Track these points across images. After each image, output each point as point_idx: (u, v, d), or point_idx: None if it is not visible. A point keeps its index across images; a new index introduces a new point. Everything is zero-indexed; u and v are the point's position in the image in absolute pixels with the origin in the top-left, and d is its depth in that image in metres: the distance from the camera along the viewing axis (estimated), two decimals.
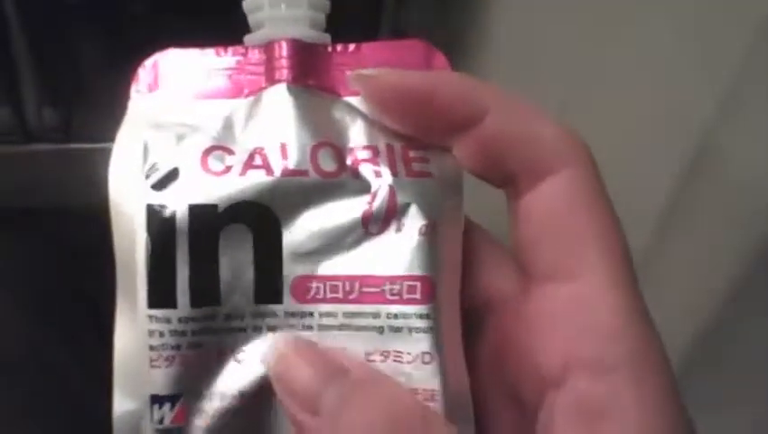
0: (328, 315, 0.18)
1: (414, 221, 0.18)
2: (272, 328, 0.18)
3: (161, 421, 0.18)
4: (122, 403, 0.18)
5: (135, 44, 0.55)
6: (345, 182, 0.18)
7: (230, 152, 0.18)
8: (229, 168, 0.18)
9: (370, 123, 0.19)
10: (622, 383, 0.15)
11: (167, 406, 0.18)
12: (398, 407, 0.16)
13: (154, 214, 0.17)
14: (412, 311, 0.18)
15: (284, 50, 0.19)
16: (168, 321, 0.18)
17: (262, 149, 0.18)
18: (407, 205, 0.18)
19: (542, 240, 0.17)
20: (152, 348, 0.18)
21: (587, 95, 0.42)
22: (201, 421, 0.18)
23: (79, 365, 0.46)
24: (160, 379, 0.18)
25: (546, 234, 0.17)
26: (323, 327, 0.18)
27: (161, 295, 0.18)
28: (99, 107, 0.50)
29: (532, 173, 0.17)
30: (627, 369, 0.15)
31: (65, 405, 0.44)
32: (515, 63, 0.49)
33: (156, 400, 0.18)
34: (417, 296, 0.18)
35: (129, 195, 0.18)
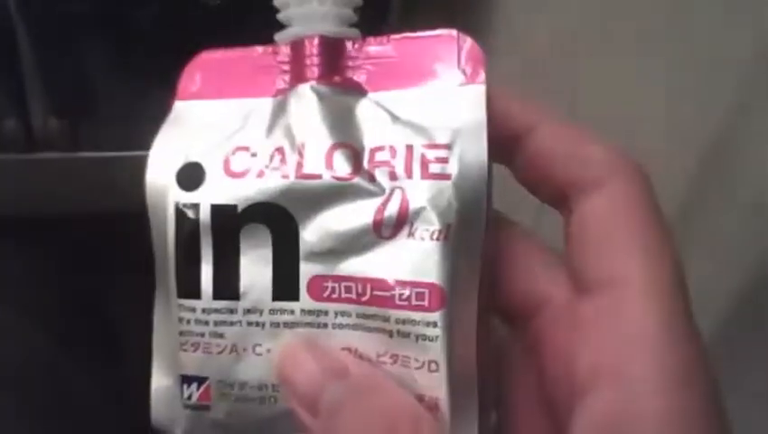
0: (342, 313, 0.18)
1: (426, 226, 0.18)
2: (289, 325, 0.19)
3: (189, 398, 0.19)
4: (159, 379, 0.20)
5: (140, 55, 0.55)
6: (359, 185, 0.18)
7: (253, 153, 0.19)
8: (248, 170, 0.19)
9: (393, 120, 0.19)
10: (645, 395, 0.15)
11: (194, 385, 0.19)
12: (393, 412, 0.16)
13: (181, 213, 0.19)
14: (420, 318, 0.18)
15: (313, 47, 0.20)
16: (193, 310, 0.19)
17: (282, 151, 0.19)
18: (420, 210, 0.18)
19: (589, 251, 0.17)
20: (181, 333, 0.19)
21: (594, 99, 0.42)
22: (224, 404, 0.19)
23: (83, 377, 0.46)
24: (188, 361, 0.19)
25: (593, 245, 0.17)
26: (337, 325, 0.19)
27: (188, 286, 0.19)
28: (105, 116, 0.50)
29: (582, 187, 0.17)
30: (653, 381, 0.15)
31: (69, 417, 0.44)
32: (521, 64, 0.49)
33: (185, 379, 0.19)
34: (426, 303, 0.17)
35: (163, 193, 0.19)
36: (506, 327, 0.20)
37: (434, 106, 0.19)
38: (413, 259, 0.18)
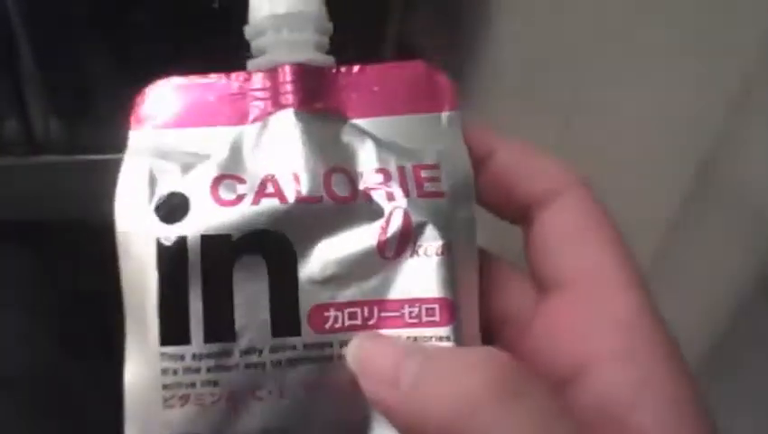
0: (347, 343, 0.17)
1: (429, 243, 0.18)
2: (291, 362, 0.17)
3: None
4: None
5: (140, 57, 0.55)
6: (359, 207, 0.18)
7: (241, 180, 0.18)
8: (241, 197, 0.17)
9: (379, 144, 0.19)
10: (645, 365, 0.16)
11: None
12: (472, 379, 0.15)
13: (164, 248, 0.17)
14: (432, 334, 0.17)
15: (288, 74, 0.19)
16: (182, 358, 0.17)
17: (273, 177, 0.18)
18: (422, 228, 0.18)
19: (558, 252, 0.18)
20: (165, 387, 0.17)
21: (591, 105, 0.43)
22: None
23: (84, 381, 0.46)
24: (175, 419, 0.17)
25: (561, 246, 0.18)
26: (342, 357, 0.17)
27: (174, 331, 0.17)
28: (105, 118, 0.50)
29: (542, 198, 0.19)
30: (647, 353, 0.16)
31: (69, 420, 0.44)
32: (519, 70, 0.49)
33: None
34: (437, 318, 0.17)
35: (138, 229, 0.17)
36: None
37: (414, 131, 0.19)
38: (420, 277, 0.18)
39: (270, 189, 0.18)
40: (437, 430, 0.15)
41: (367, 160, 0.18)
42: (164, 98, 0.19)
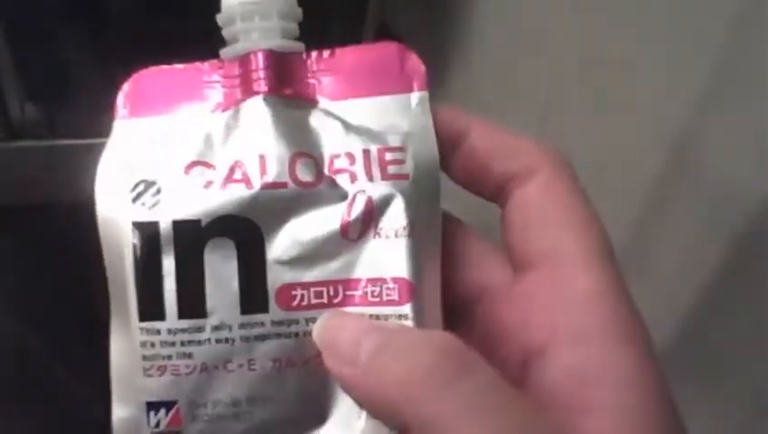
0: (313, 320, 0.18)
1: (390, 224, 0.19)
2: (259, 337, 0.18)
3: (157, 425, 0.19)
4: (120, 410, 0.19)
5: (117, 41, 0.55)
6: (323, 191, 0.19)
7: (211, 166, 0.19)
8: (210, 183, 0.18)
9: (347, 128, 0.19)
10: (595, 350, 0.17)
11: (162, 411, 0.19)
12: (423, 358, 0.16)
13: (140, 231, 0.18)
14: (391, 312, 0.18)
15: (259, 61, 0.19)
16: (158, 332, 0.18)
17: (241, 162, 0.19)
18: (384, 210, 0.19)
19: (527, 231, 0.19)
20: (144, 358, 0.19)
21: (569, 94, 0.43)
22: (196, 426, 0.19)
23: (65, 367, 0.46)
24: (154, 387, 0.19)
25: (531, 224, 0.19)
26: (308, 333, 0.18)
27: (150, 308, 0.18)
28: (82, 103, 0.50)
29: (517, 176, 0.19)
30: (600, 337, 0.17)
31: (53, 411, 0.44)
32: (500, 55, 0.49)
33: (152, 406, 0.19)
34: (396, 297, 0.18)
35: (117, 213, 0.19)
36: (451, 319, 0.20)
37: (383, 113, 0.20)
38: (382, 257, 0.19)
39: (238, 175, 0.18)
40: (390, 404, 0.16)
41: (333, 144, 0.19)
42: (143, 87, 0.20)
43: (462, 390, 0.15)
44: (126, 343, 0.19)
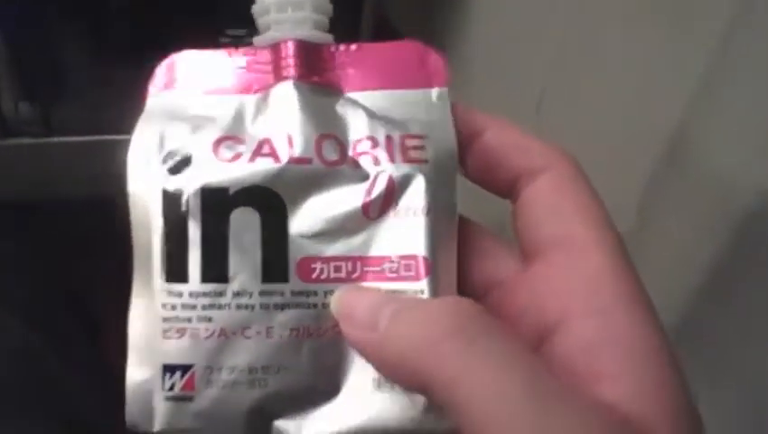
0: (331, 293, 0.19)
1: (410, 204, 0.20)
2: (279, 306, 0.19)
3: (171, 388, 0.19)
4: (135, 373, 0.20)
5: (113, 38, 0.55)
6: (347, 171, 0.20)
7: (240, 141, 0.20)
8: (239, 155, 0.19)
9: (371, 115, 0.21)
10: (609, 321, 0.18)
11: (178, 374, 0.19)
12: (441, 321, 0.17)
13: (169, 196, 0.19)
14: (409, 287, 0.19)
15: (290, 49, 0.21)
16: (180, 295, 0.19)
17: (270, 139, 0.20)
18: (404, 189, 0.20)
19: (540, 221, 0.20)
20: (165, 320, 0.19)
21: (565, 85, 0.43)
22: (210, 391, 0.19)
23: (63, 365, 0.46)
24: (172, 349, 0.19)
25: (542, 214, 0.20)
26: (326, 305, 0.19)
27: (174, 270, 0.19)
28: (77, 100, 0.49)
29: (529, 172, 0.20)
30: (614, 310, 0.18)
31: (56, 411, 0.44)
32: (497, 48, 0.49)
33: (168, 369, 0.19)
34: (413, 273, 0.19)
35: (146, 181, 0.19)
36: None
37: (404, 104, 0.21)
38: (400, 235, 0.20)
39: (266, 150, 0.20)
40: (412, 365, 0.17)
41: (357, 129, 0.20)
42: (178, 68, 0.21)
43: (485, 346, 0.16)
44: (146, 306, 0.19)
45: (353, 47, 0.21)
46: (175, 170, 0.19)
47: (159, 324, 0.19)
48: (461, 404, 0.16)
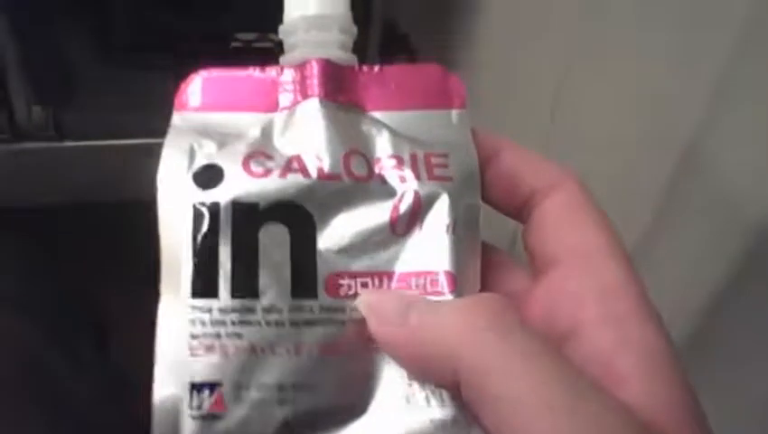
0: (357, 309, 0.19)
1: (436, 221, 0.20)
2: (308, 323, 0.19)
3: (199, 406, 0.19)
4: (162, 389, 0.19)
5: (123, 43, 0.55)
6: (374, 187, 0.20)
7: (270, 157, 0.20)
8: (269, 171, 0.20)
9: (395, 135, 0.21)
10: (628, 329, 0.18)
11: (206, 392, 0.19)
12: (471, 315, 0.18)
13: (200, 211, 0.19)
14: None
15: (315, 69, 0.21)
16: (209, 310, 0.19)
17: (299, 156, 0.20)
18: (430, 206, 0.20)
19: (553, 235, 0.21)
20: (193, 336, 0.19)
21: (579, 91, 0.43)
22: (239, 410, 0.19)
23: (70, 370, 0.46)
24: (200, 367, 0.19)
25: (556, 230, 0.21)
26: (353, 321, 0.19)
27: (204, 285, 0.19)
28: (89, 105, 0.50)
29: (541, 192, 0.21)
30: (629, 317, 0.19)
31: (63, 415, 0.44)
32: (505, 53, 0.49)
33: (195, 386, 0.19)
34: (440, 289, 0.20)
35: (176, 195, 0.20)
36: None
37: (426, 125, 0.22)
38: (426, 251, 0.20)
39: (295, 166, 0.20)
40: (441, 358, 0.17)
41: (382, 147, 0.21)
42: (205, 85, 0.22)
43: (521, 338, 0.17)
44: (174, 322, 0.19)
45: (376, 69, 0.22)
46: (206, 184, 0.19)
47: (187, 340, 0.19)
48: (493, 393, 0.16)
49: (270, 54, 0.23)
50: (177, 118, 0.21)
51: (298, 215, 0.19)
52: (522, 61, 0.47)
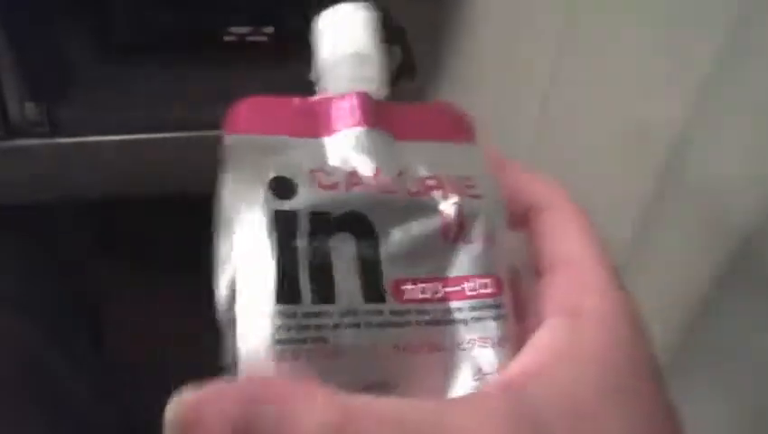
0: (420, 312, 0.21)
1: (479, 232, 0.22)
2: (381, 325, 0.20)
3: None
4: None
5: (117, 39, 0.54)
6: (424, 201, 0.22)
7: (330, 174, 0.21)
8: (336, 184, 0.21)
9: (427, 159, 0.23)
10: (588, 325, 0.21)
11: None
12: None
13: (281, 220, 0.20)
14: (491, 303, 0.21)
15: (356, 101, 0.23)
16: (294, 315, 0.19)
17: (356, 172, 0.22)
18: (473, 220, 0.22)
19: (548, 242, 0.23)
20: (278, 342, 0.19)
21: (569, 84, 0.43)
22: None
23: (69, 370, 0.46)
24: (286, 371, 0.19)
25: (550, 238, 0.23)
26: (418, 323, 0.21)
27: (288, 291, 0.20)
28: (83, 101, 0.49)
29: (539, 207, 0.24)
30: (595, 316, 0.21)
31: (63, 415, 0.44)
32: (500, 44, 0.49)
33: None
34: (491, 290, 0.22)
35: (251, 204, 0.20)
36: None
37: (448, 153, 0.24)
38: (473, 258, 0.22)
39: (357, 181, 0.21)
40: None
41: (421, 168, 0.23)
42: (252, 109, 0.23)
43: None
44: (255, 328, 0.19)
45: (400, 104, 0.24)
46: (283, 195, 0.20)
47: (272, 346, 0.19)
48: None
49: (263, 48, 0.23)
50: (231, 139, 0.22)
51: (363, 224, 0.21)
52: (515, 54, 0.47)
